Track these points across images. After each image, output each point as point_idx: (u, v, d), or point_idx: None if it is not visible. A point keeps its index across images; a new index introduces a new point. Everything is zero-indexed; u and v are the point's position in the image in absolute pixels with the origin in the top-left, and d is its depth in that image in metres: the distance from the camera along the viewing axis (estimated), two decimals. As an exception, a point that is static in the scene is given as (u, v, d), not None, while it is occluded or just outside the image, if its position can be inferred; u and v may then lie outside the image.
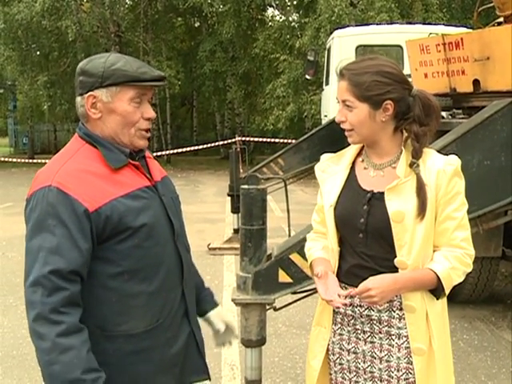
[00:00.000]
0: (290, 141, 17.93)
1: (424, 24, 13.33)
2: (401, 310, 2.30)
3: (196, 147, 19.41)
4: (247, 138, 21.98)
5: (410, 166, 2.24)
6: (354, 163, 2.42)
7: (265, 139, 20.16)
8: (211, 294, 2.64)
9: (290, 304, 4.03)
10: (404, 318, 2.30)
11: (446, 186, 2.22)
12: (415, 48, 6.85)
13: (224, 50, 26.75)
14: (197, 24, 32.08)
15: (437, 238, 2.27)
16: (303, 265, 3.54)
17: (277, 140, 19.97)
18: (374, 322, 2.35)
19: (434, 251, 2.29)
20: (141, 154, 2.27)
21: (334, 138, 9.64)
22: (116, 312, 2.10)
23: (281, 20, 25.78)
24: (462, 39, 6.22)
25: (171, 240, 2.25)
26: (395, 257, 2.25)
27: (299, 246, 3.56)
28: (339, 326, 2.45)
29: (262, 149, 29.62)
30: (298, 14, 25.03)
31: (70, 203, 1.98)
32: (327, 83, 12.43)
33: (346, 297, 2.25)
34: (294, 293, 3.73)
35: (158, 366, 2.20)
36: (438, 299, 2.30)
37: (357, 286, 2.22)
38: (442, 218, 2.25)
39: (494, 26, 6.83)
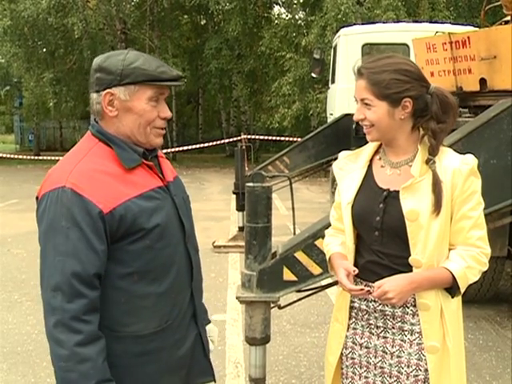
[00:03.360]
0: (295, 139, 17.96)
1: (431, 22, 13.27)
2: (414, 306, 2.32)
3: (201, 145, 19.42)
4: (253, 136, 21.96)
5: (427, 162, 2.25)
6: (371, 161, 2.44)
7: (270, 137, 20.15)
8: (205, 311, 2.60)
9: (294, 302, 4.02)
10: (417, 315, 2.31)
11: (462, 185, 2.22)
12: (422, 46, 6.83)
13: (230, 48, 26.70)
14: (203, 22, 32.04)
15: (453, 236, 2.28)
16: (308, 263, 3.54)
17: (282, 138, 19.97)
18: (388, 317, 2.37)
19: (449, 250, 2.30)
20: (153, 153, 2.25)
21: (339, 136, 9.77)
22: (125, 313, 2.10)
23: (287, 18, 25.74)
24: (468, 38, 6.19)
25: (182, 241, 2.24)
26: (410, 255, 2.26)
27: (304, 244, 3.57)
28: (353, 320, 2.48)
29: (267, 147, 29.60)
30: (304, 12, 24.97)
31: (84, 205, 1.96)
32: (333, 81, 12.36)
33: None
34: (299, 291, 3.73)
35: (166, 367, 2.20)
36: (452, 298, 2.30)
37: (373, 282, 2.28)
38: (457, 217, 2.25)
39: (500, 24, 6.81)
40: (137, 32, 27.44)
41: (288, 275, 3.58)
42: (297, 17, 24.99)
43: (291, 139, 18.78)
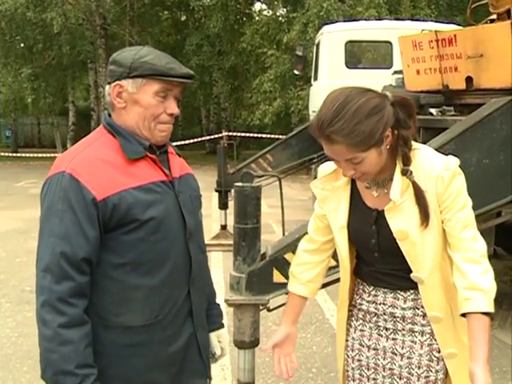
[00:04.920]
0: (276, 136, 17.90)
1: (413, 20, 13.28)
2: (424, 307, 2.27)
3: (181, 142, 19.28)
4: (234, 133, 21.90)
5: (403, 173, 2.14)
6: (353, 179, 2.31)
7: (251, 134, 20.08)
8: (219, 313, 2.62)
9: (283, 305, 3.93)
10: (427, 316, 2.27)
11: (445, 191, 2.13)
12: (408, 44, 6.78)
13: (211, 44, 26.63)
14: (183, 18, 31.89)
15: (448, 242, 2.20)
16: (297, 263, 3.46)
17: (263, 135, 19.92)
18: (398, 319, 2.32)
19: (450, 259, 2.22)
20: (163, 149, 2.27)
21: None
22: (115, 302, 2.11)
23: (268, 14, 25.66)
24: (455, 36, 6.16)
25: (182, 237, 2.23)
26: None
27: (294, 246, 3.45)
28: (361, 322, 2.43)
29: (247, 144, 29.54)
30: (285, 9, 24.91)
31: (79, 190, 2.01)
32: (316, 78, 12.35)
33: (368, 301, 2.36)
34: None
35: (153, 362, 2.19)
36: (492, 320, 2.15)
37: (382, 287, 2.32)
38: (447, 222, 2.17)
39: (486, 23, 6.79)
40: (117, 28, 27.22)
41: (278, 277, 3.50)
42: (278, 13, 24.93)
43: (272, 136, 18.71)
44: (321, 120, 2.03)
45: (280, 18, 24.27)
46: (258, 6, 28.66)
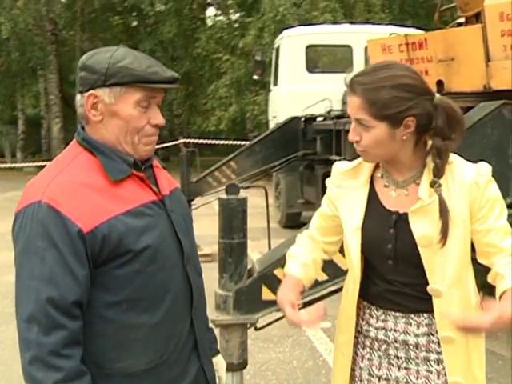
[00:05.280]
0: (231, 142, 17.73)
1: (374, 24, 13.26)
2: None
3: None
4: (191, 140, 21.66)
5: (431, 185, 1.98)
6: (372, 178, 2.16)
7: (208, 141, 19.85)
8: (214, 339, 2.33)
9: (273, 322, 3.75)
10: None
11: (481, 198, 1.98)
12: (377, 48, 6.69)
13: (164, 50, 26.31)
14: (135, 23, 31.51)
15: (483, 252, 2.03)
16: (288, 280, 3.28)
17: (222, 142, 19.71)
18: (411, 347, 2.10)
19: (485, 264, 2.04)
20: (147, 163, 1.99)
21: (287, 139, 9.58)
22: (113, 346, 1.84)
23: (223, 20, 25.50)
24: (425, 39, 6.10)
25: (179, 263, 1.97)
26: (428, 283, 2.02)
27: (284, 261, 3.29)
28: (368, 350, 2.20)
29: (201, 151, 29.22)
30: (240, 14, 24.79)
31: (61, 222, 1.72)
32: (275, 83, 12.21)
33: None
34: (279, 310, 3.46)
35: None
36: None
37: (393, 310, 2.10)
38: (484, 232, 2.00)
39: (453, 26, 6.75)
40: (67, 33, 26.71)
41: (267, 294, 3.30)
42: (233, 18, 24.80)
43: (227, 143, 18.52)
44: (358, 71, 2.02)
45: (235, 23, 24.14)
46: (211, 11, 28.48)
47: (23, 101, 29.52)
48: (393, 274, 2.09)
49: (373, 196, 2.13)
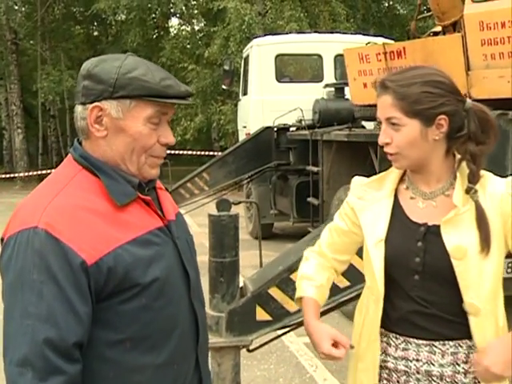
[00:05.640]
0: (197, 152, 17.57)
1: (343, 34, 13.21)
2: (466, 363, 1.93)
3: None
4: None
5: (467, 191, 1.88)
6: (396, 190, 2.05)
7: (173, 151, 19.64)
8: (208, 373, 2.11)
9: (266, 343, 3.61)
10: (470, 373, 1.92)
11: None
12: (354, 57, 6.61)
13: (125, 59, 26.00)
14: (96, 33, 31.18)
15: None
16: (283, 300, 3.15)
17: (190, 152, 19.55)
18: (434, 378, 1.95)
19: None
20: (151, 184, 1.79)
21: (260, 150, 9.47)
22: None
23: (187, 29, 25.35)
24: (404, 48, 6.06)
25: (186, 296, 1.78)
26: (461, 300, 1.89)
27: (279, 279, 3.18)
28: (385, 382, 2.04)
29: (164, 161, 28.93)
30: (204, 23, 24.65)
31: (62, 253, 1.51)
32: (245, 93, 12.08)
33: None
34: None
35: None
36: None
37: (415, 337, 1.94)
38: None
39: (429, 35, 6.72)
40: (27, 43, 26.28)
41: (261, 315, 3.17)
42: (197, 28, 24.66)
43: (195, 153, 18.36)
44: (391, 73, 2.00)
45: (199, 33, 24.01)
46: (175, 21, 28.29)
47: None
48: (418, 290, 1.95)
49: (397, 208, 2.02)
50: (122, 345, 1.62)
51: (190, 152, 19.39)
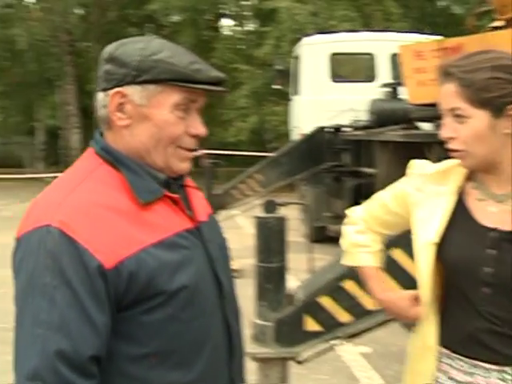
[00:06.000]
0: (251, 153, 17.46)
1: (397, 32, 12.91)
2: None
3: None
4: (213, 151, 21.50)
5: None
6: (461, 188, 1.82)
7: (230, 152, 19.61)
8: None
9: (315, 356, 3.41)
10: None
11: None
12: (409, 54, 6.40)
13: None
14: (153, 34, 31.45)
15: None
16: (334, 309, 2.96)
17: (246, 153, 19.43)
18: None
19: None
20: (180, 181, 1.62)
21: (313, 151, 9.26)
22: None
23: (239, 29, 25.29)
24: (461, 44, 5.81)
25: (218, 306, 1.59)
26: None
27: (330, 288, 2.98)
28: None
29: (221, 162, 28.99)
30: (256, 24, 24.57)
31: (77, 254, 1.36)
32: (296, 93, 11.91)
33: None
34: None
35: None
36: None
37: (484, 361, 1.69)
38: None
39: (489, 30, 6.45)
40: (82, 44, 26.67)
41: (310, 325, 2.97)
42: (249, 28, 24.59)
43: (247, 154, 18.23)
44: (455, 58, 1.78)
45: (251, 33, 23.91)
46: (227, 21, 28.28)
47: (41, 112, 29.56)
48: (488, 305, 1.71)
49: (461, 209, 1.79)
50: (146, 360, 1.45)
51: (243, 153, 19.24)
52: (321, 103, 10.60)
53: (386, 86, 9.82)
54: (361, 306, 2.89)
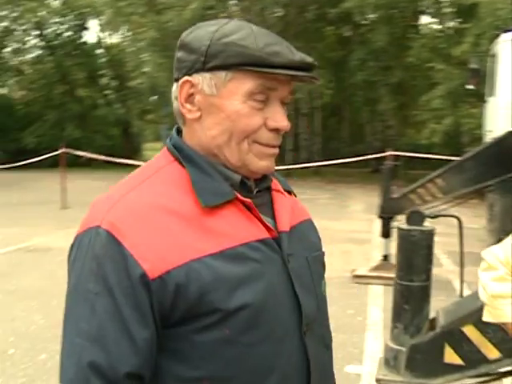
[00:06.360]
0: (445, 157, 16.70)
1: None
2: None
3: (345, 160, 18.72)
4: (399, 153, 21.00)
5: None
6: None
7: (418, 154, 18.95)
8: None
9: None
10: None
11: None
12: None
13: (376, 59, 25.75)
14: (348, 33, 31.35)
15: None
16: (481, 342, 2.57)
17: (432, 156, 18.69)
18: None
19: None
20: (263, 184, 1.42)
21: (504, 157, 8.51)
22: None
23: (437, 27, 24.41)
24: None
25: (294, 332, 1.35)
26: None
27: (476, 316, 2.58)
28: None
29: (414, 164, 28.23)
30: (455, 21, 23.55)
31: (122, 260, 1.22)
32: (492, 94, 11.11)
33: None
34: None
35: None
36: None
37: None
38: None
39: None
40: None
41: (451, 357, 2.61)
42: (448, 25, 23.62)
43: (441, 157, 17.47)
44: None
45: (449, 31, 22.97)
46: (424, 18, 27.44)
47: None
48: None
49: None
50: None
51: (434, 156, 18.49)
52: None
53: None
54: (514, 343, 2.48)
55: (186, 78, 1.33)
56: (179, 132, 1.42)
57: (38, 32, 34.47)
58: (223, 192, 1.32)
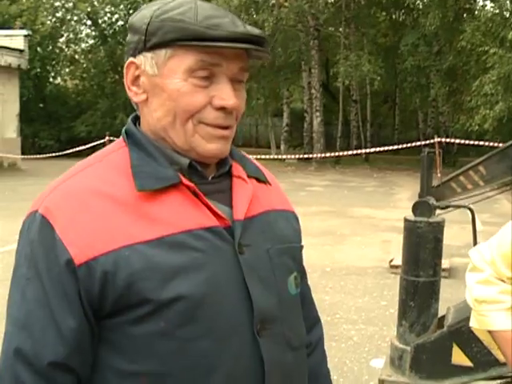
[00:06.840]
0: (497, 144, 16.25)
1: None
2: None
3: (395, 146, 18.47)
4: (447, 140, 20.51)
5: None
6: None
7: (468, 141, 18.46)
8: None
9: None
10: None
11: None
12: None
13: (427, 44, 25.25)
14: (401, 18, 30.86)
15: None
16: (492, 343, 2.37)
17: (482, 143, 18.19)
18: None
19: None
20: (221, 169, 1.33)
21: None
22: None
23: (491, 10, 23.68)
24: None
25: (246, 330, 1.22)
26: None
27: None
28: None
29: (466, 151, 27.57)
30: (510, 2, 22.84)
31: (52, 245, 1.17)
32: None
33: None
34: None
35: None
36: None
37: None
38: None
39: None
40: (329, 28, 26.97)
41: (459, 357, 2.42)
42: (504, 8, 22.91)
43: (493, 144, 16.98)
44: None
45: (505, 14, 22.26)
46: (480, 0, 26.75)
47: (290, 94, 30.75)
48: None
49: None
50: (136, 379, 1.18)
51: (484, 143, 17.99)
52: None
53: None
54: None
55: (131, 59, 1.26)
56: (138, 118, 1.34)
57: (90, 22, 34.90)
58: (165, 176, 1.23)
